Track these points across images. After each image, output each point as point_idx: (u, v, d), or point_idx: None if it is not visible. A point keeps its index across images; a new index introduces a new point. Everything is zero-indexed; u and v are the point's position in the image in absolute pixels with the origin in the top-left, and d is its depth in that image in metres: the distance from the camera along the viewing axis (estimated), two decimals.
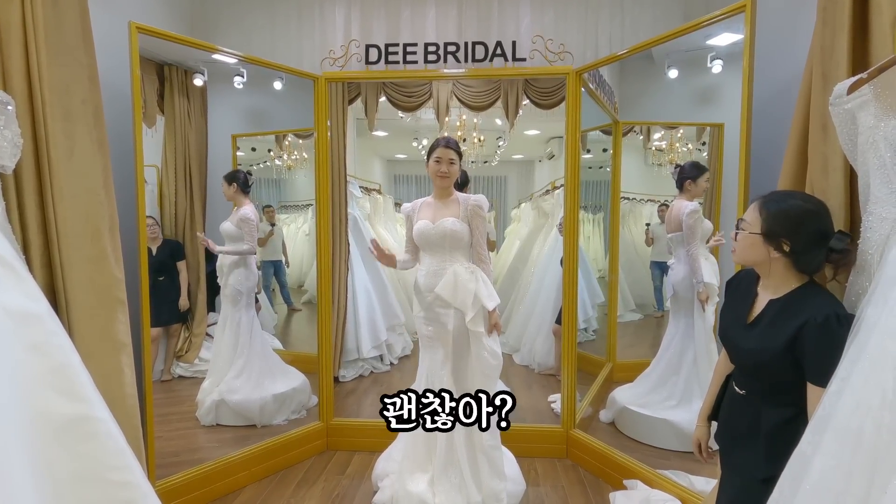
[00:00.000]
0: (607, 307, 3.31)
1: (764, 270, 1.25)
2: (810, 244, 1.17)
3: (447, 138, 2.11)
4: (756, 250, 1.22)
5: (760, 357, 1.20)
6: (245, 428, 2.75)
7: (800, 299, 1.19)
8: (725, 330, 1.35)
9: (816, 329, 1.10)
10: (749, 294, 1.31)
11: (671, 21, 2.81)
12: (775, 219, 1.19)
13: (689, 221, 2.53)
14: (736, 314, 1.32)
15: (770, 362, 1.18)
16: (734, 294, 1.38)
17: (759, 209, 1.22)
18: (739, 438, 1.30)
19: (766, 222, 1.20)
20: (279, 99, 3.06)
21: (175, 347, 2.96)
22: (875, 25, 1.23)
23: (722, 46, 2.42)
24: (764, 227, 1.20)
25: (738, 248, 1.28)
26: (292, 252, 3.66)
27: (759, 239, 1.21)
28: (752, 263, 1.26)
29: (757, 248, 1.22)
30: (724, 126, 2.70)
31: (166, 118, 2.92)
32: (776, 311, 1.21)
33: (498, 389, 2.01)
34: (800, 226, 1.17)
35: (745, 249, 1.25)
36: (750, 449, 1.26)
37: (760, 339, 1.21)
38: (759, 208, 1.22)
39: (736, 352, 1.31)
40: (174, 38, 2.18)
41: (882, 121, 1.12)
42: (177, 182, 2.94)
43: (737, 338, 1.29)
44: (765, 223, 1.20)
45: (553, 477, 2.49)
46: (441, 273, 2.05)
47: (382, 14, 2.86)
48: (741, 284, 1.37)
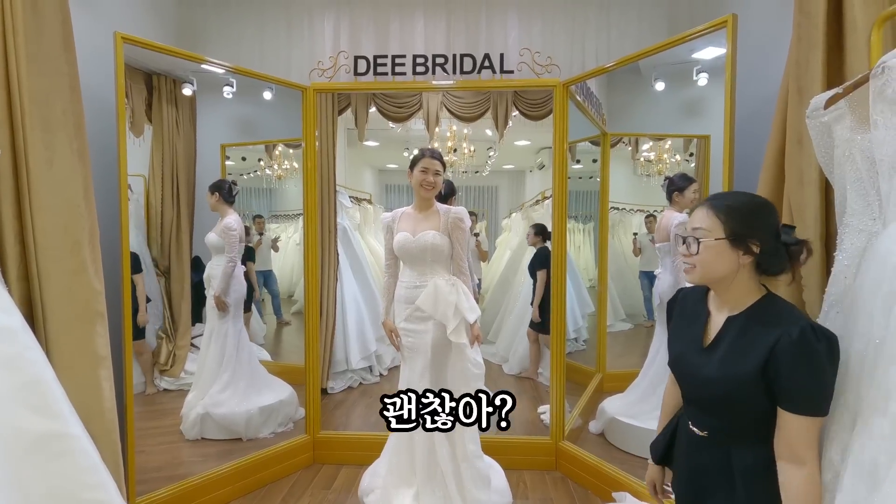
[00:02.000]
0: (597, 317, 3.31)
1: (724, 284, 1.08)
2: (774, 239, 1.04)
3: (432, 149, 2.11)
4: (724, 259, 1.04)
5: (726, 387, 1.03)
6: (230, 441, 2.71)
7: (763, 314, 1.04)
8: (677, 359, 1.17)
9: (792, 346, 0.95)
10: (699, 314, 1.14)
11: (656, 35, 2.85)
12: (736, 217, 1.04)
13: (677, 232, 2.55)
14: (688, 339, 1.14)
15: (738, 392, 1.01)
16: (680, 316, 1.19)
17: (713, 212, 1.06)
18: (709, 490, 1.11)
19: (727, 223, 1.04)
20: (268, 109, 3.06)
21: (157, 360, 2.91)
22: (850, 42, 1.26)
23: (707, 60, 2.45)
24: (727, 229, 1.04)
25: (700, 262, 1.07)
26: (282, 262, 3.64)
27: (726, 244, 1.04)
28: (718, 278, 1.07)
29: (725, 257, 1.04)
30: (710, 138, 2.73)
31: (154, 127, 2.90)
32: (738, 330, 1.05)
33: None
34: (760, 220, 1.05)
35: (711, 262, 1.06)
36: (725, 501, 1.08)
37: (724, 364, 1.04)
38: (713, 211, 1.07)
39: (693, 383, 1.12)
40: (160, 48, 2.17)
41: (858, 134, 1.14)
42: (163, 191, 2.92)
43: (693, 366, 1.11)
44: (726, 225, 1.04)
45: (542, 490, 2.47)
46: (422, 285, 2.05)
47: (371, 26, 2.88)
48: (686, 304, 1.19)
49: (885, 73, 0.96)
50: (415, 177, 2.08)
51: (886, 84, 0.96)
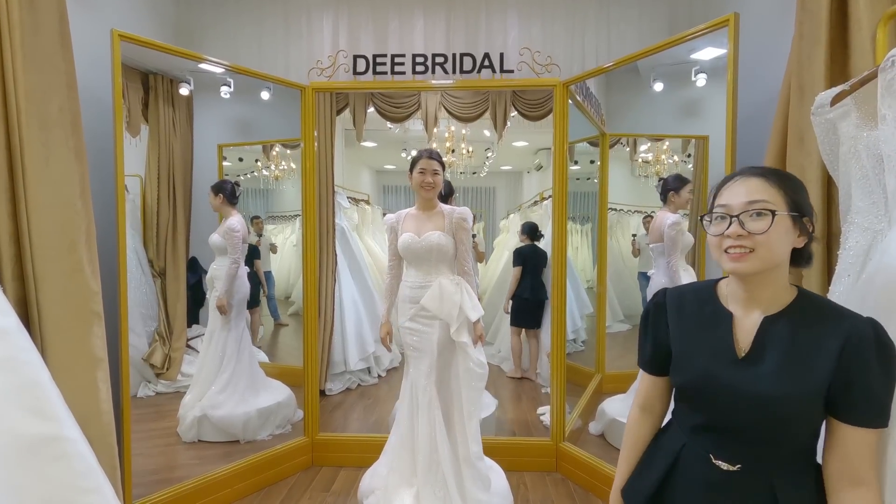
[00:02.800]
0: (596, 318, 3.31)
1: (772, 275, 0.85)
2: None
3: (429, 150, 2.13)
4: (787, 241, 0.84)
5: (789, 407, 0.80)
6: (228, 444, 2.68)
7: (807, 311, 0.84)
8: (703, 376, 0.90)
9: (868, 347, 0.78)
10: (717, 317, 0.91)
11: (656, 35, 2.85)
12: (795, 188, 0.84)
13: (670, 233, 2.56)
14: (711, 349, 0.90)
15: (804, 411, 0.80)
16: (688, 319, 0.95)
17: (767, 181, 0.84)
18: None
19: (787, 195, 0.83)
20: (266, 109, 3.04)
21: (149, 362, 2.88)
22: (855, 40, 1.26)
23: (706, 60, 2.45)
24: (789, 201, 0.83)
25: (765, 244, 0.82)
26: (279, 264, 3.62)
27: (789, 221, 0.83)
28: (776, 265, 0.85)
29: (788, 238, 0.84)
30: (708, 138, 2.73)
31: (150, 127, 2.88)
32: (786, 334, 0.84)
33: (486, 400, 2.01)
34: (807, 195, 0.86)
35: (777, 242, 0.82)
36: None
37: (782, 378, 0.82)
38: (766, 181, 0.84)
39: (730, 404, 0.87)
40: (158, 46, 2.15)
41: (863, 131, 1.13)
42: (160, 192, 2.89)
43: (731, 384, 0.86)
44: (787, 196, 0.83)
45: (542, 491, 2.45)
46: (427, 285, 2.07)
47: (370, 25, 2.87)
48: (685, 306, 0.96)
49: (894, 67, 0.96)
50: (414, 178, 2.10)
51: (895, 78, 0.96)
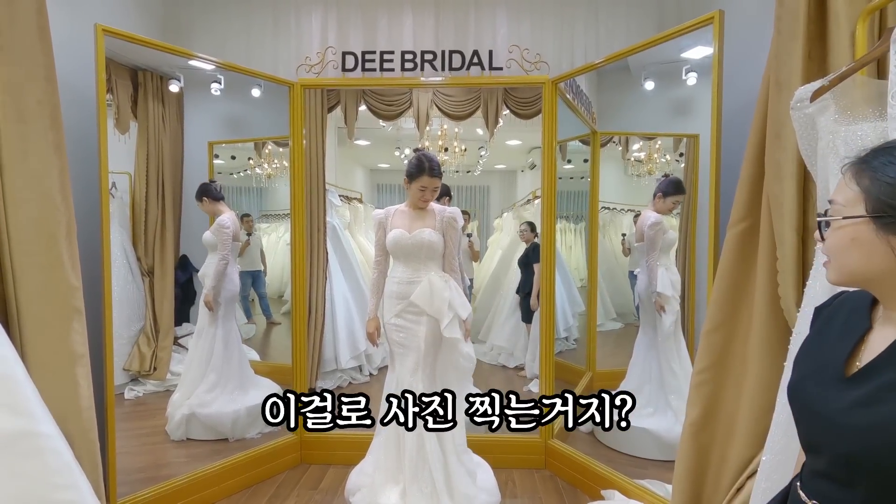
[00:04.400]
0: (587, 316, 3.31)
1: (886, 289, 0.71)
2: None
3: (432, 163, 2.07)
4: (863, 248, 0.69)
5: (868, 442, 0.66)
6: (217, 442, 2.67)
7: None
8: (796, 386, 0.80)
9: None
10: (854, 327, 0.76)
11: (645, 33, 2.85)
12: (890, 182, 0.66)
13: (650, 233, 2.58)
14: (823, 359, 0.77)
15: (887, 454, 0.64)
16: (825, 328, 0.82)
17: (858, 175, 0.70)
18: None
19: (871, 193, 0.68)
20: (257, 106, 3.03)
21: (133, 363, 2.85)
22: (834, 35, 1.26)
23: (695, 59, 2.46)
24: (871, 201, 0.68)
25: (831, 252, 0.74)
26: (272, 262, 3.61)
27: (866, 226, 0.68)
28: (860, 276, 0.72)
29: (864, 245, 0.69)
30: (699, 137, 2.74)
31: (140, 124, 2.87)
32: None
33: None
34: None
35: (842, 249, 0.72)
36: None
37: (871, 406, 0.67)
38: (858, 174, 0.71)
39: (815, 426, 0.75)
40: (143, 41, 2.14)
41: (842, 125, 1.13)
42: (149, 189, 2.88)
43: (819, 400, 0.74)
44: (871, 195, 0.68)
45: (531, 488, 2.45)
46: (415, 281, 2.08)
47: (359, 22, 2.86)
48: (839, 312, 0.82)
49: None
50: (413, 192, 2.11)
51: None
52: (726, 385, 1.60)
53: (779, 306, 1.44)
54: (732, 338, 1.59)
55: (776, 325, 1.45)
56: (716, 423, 1.61)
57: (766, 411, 1.36)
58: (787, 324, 1.42)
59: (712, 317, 1.61)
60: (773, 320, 1.45)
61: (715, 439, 1.61)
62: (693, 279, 2.71)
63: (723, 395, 1.60)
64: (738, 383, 1.56)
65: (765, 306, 1.46)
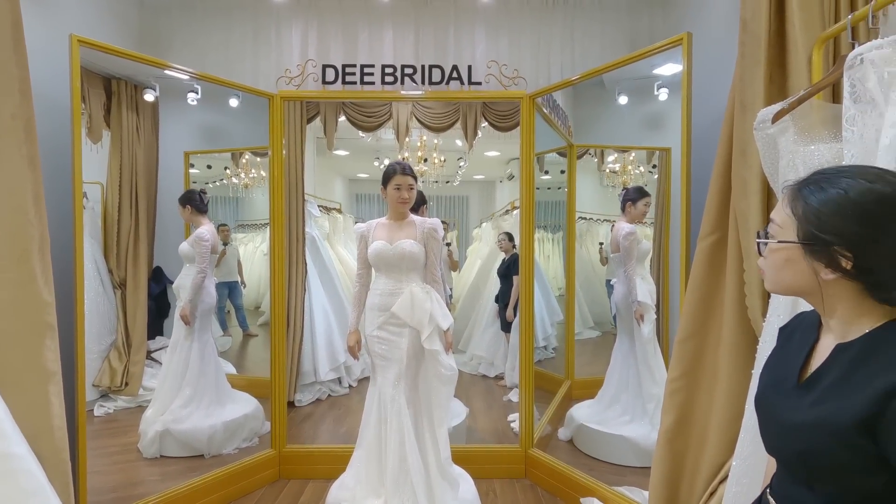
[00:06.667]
0: (565, 325, 3.36)
1: (816, 301, 0.77)
2: (893, 254, 0.67)
3: (402, 164, 2.16)
4: (794, 270, 0.74)
5: (812, 439, 0.70)
6: (192, 459, 2.61)
7: (891, 344, 0.70)
8: (760, 396, 0.86)
9: None
10: (808, 340, 0.82)
11: (618, 50, 2.96)
12: (820, 214, 0.70)
13: (624, 243, 2.65)
14: (782, 371, 0.83)
15: (828, 450, 0.69)
16: (787, 345, 0.88)
17: (792, 201, 0.75)
18: None
19: (804, 221, 0.72)
20: (235, 116, 3.01)
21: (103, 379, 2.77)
22: (792, 61, 1.34)
23: (667, 76, 2.55)
24: (802, 229, 0.72)
25: (766, 267, 0.80)
26: (249, 272, 3.56)
27: (797, 250, 0.73)
28: (793, 290, 0.78)
29: (795, 265, 0.74)
30: (670, 150, 2.84)
31: (113, 133, 2.81)
32: (848, 364, 0.72)
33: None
34: (869, 223, 0.67)
35: (777, 269, 0.77)
36: None
37: (816, 407, 0.72)
38: (792, 199, 0.75)
39: (772, 428, 0.80)
40: (119, 52, 2.12)
41: (800, 146, 1.21)
42: (121, 200, 2.82)
43: (777, 408, 0.79)
44: (803, 223, 0.72)
45: (511, 498, 2.47)
46: (397, 293, 2.09)
47: (339, 35, 2.88)
48: (797, 330, 0.87)
49: (863, 65, 0.99)
50: (389, 194, 2.15)
51: (861, 79, 1.00)
52: (699, 392, 1.65)
53: (747, 316, 1.50)
54: (704, 346, 1.65)
55: (744, 334, 1.52)
56: (689, 430, 1.66)
57: (736, 417, 1.41)
58: (754, 333, 1.48)
59: (685, 326, 1.67)
60: (742, 330, 1.52)
61: (689, 446, 1.66)
62: (667, 289, 2.80)
63: (696, 403, 1.65)
64: (710, 391, 1.62)
65: (733, 316, 1.52)
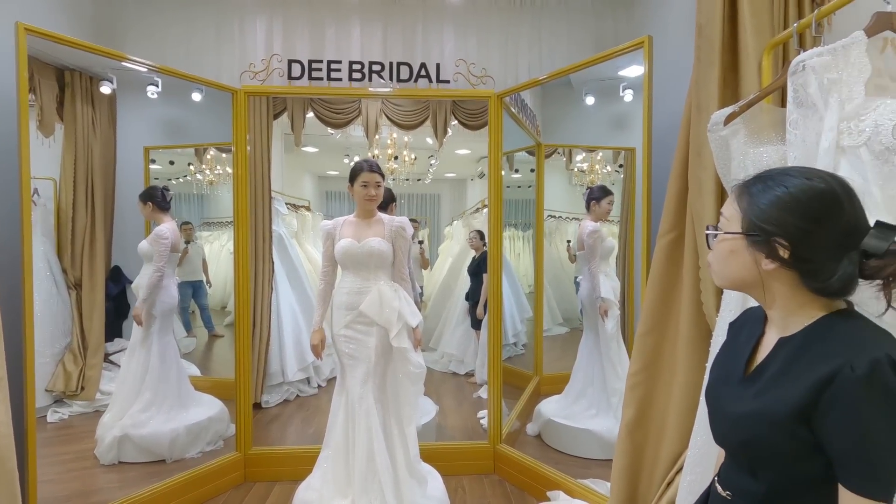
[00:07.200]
0: (534, 321, 3.41)
1: (759, 294, 0.80)
2: (826, 246, 0.71)
3: (370, 162, 2.14)
4: (739, 261, 0.78)
5: (753, 429, 0.74)
6: (153, 464, 2.52)
7: (826, 336, 0.72)
8: (709, 389, 0.90)
9: (852, 386, 0.65)
10: (754, 334, 0.85)
11: (584, 52, 3.01)
12: (763, 208, 0.75)
13: (589, 241, 2.71)
14: (729, 365, 0.87)
15: (768, 439, 0.72)
16: (736, 339, 0.91)
17: (739, 197, 0.79)
18: None
19: (748, 214, 0.76)
20: (198, 111, 2.93)
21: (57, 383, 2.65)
22: (744, 66, 1.39)
23: (632, 77, 2.61)
24: (746, 221, 0.76)
25: (713, 260, 0.83)
26: (215, 271, 3.47)
27: (741, 241, 0.77)
28: (737, 282, 0.81)
29: (739, 258, 0.78)
30: (635, 150, 2.90)
31: (66, 127, 2.69)
32: (790, 356, 0.75)
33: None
34: (805, 216, 0.71)
35: (723, 260, 0.81)
36: None
37: (757, 398, 0.76)
38: (739, 195, 0.79)
39: (719, 419, 0.84)
40: (70, 42, 2.02)
41: (750, 147, 1.26)
42: (76, 196, 2.71)
43: (723, 399, 0.83)
44: (747, 215, 0.76)
45: (479, 494, 2.49)
46: (364, 291, 2.08)
47: (306, 31, 2.83)
48: (746, 325, 0.90)
49: (805, 72, 1.04)
50: (356, 191, 2.13)
51: (803, 84, 1.04)
52: (658, 386, 1.70)
53: (702, 312, 1.56)
54: (663, 341, 1.70)
55: (700, 329, 1.57)
56: (649, 423, 1.71)
57: (692, 410, 1.46)
58: (709, 328, 1.53)
59: (644, 322, 1.72)
60: (698, 325, 1.57)
61: (648, 438, 1.71)
62: (631, 285, 2.87)
63: (655, 396, 1.70)
64: (669, 384, 1.67)
65: (690, 312, 1.58)
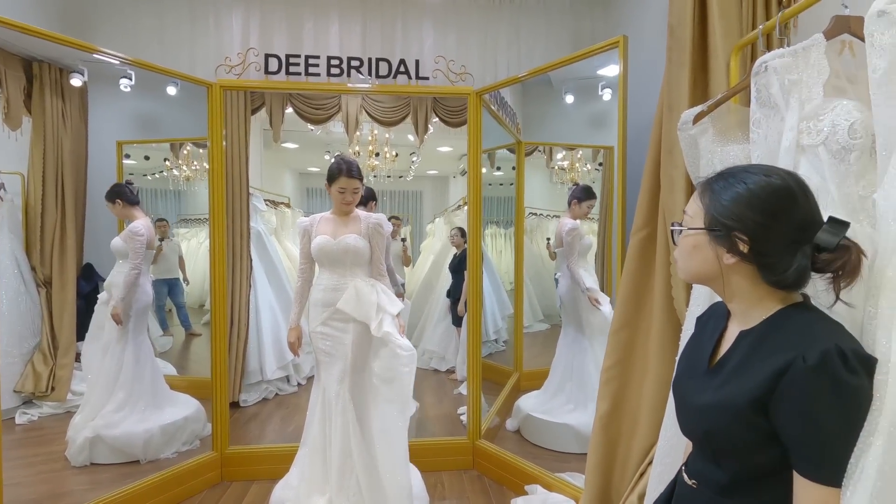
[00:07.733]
0: (514, 317, 3.43)
1: (720, 288, 0.84)
2: (782, 240, 0.75)
3: (349, 165, 2.07)
4: (701, 255, 0.82)
5: (715, 419, 0.78)
6: (126, 465, 2.48)
7: (782, 329, 0.76)
8: (675, 382, 0.94)
9: (805, 375, 0.68)
10: (718, 328, 0.90)
11: (563, 50, 3.04)
12: (724, 204, 0.78)
13: (567, 238, 2.75)
14: (694, 358, 0.91)
15: (729, 428, 0.76)
16: (702, 333, 0.95)
17: (702, 193, 0.83)
18: None
19: (710, 210, 0.80)
20: (173, 105, 2.87)
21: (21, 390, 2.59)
22: (713, 66, 1.42)
23: (610, 76, 2.65)
24: (708, 216, 0.80)
25: (678, 255, 0.87)
26: (193, 269, 3.42)
27: (703, 237, 0.81)
28: (700, 276, 0.85)
29: (702, 252, 0.81)
30: (613, 149, 2.94)
31: (34, 120, 2.63)
32: (748, 348, 0.79)
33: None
34: (763, 211, 0.75)
35: (686, 255, 0.84)
36: None
37: (719, 390, 0.79)
38: (702, 192, 0.83)
39: (685, 410, 0.88)
40: (37, 32, 1.96)
41: (718, 146, 1.28)
42: (45, 191, 2.64)
43: (687, 391, 0.87)
44: (710, 211, 0.80)
45: (459, 489, 2.50)
46: (341, 288, 2.06)
47: (283, 25, 2.80)
48: (711, 319, 0.94)
49: (767, 72, 1.07)
50: (333, 195, 2.11)
51: (766, 85, 1.07)
52: (631, 380, 1.73)
53: (673, 307, 1.59)
54: (636, 336, 1.73)
55: (672, 324, 1.60)
56: (622, 417, 1.74)
57: (664, 403, 1.49)
58: (680, 322, 1.56)
59: (618, 317, 1.74)
60: (669, 319, 1.60)
61: (622, 432, 1.74)
62: (610, 282, 2.91)
63: (628, 390, 1.73)
64: (641, 378, 1.70)
65: (661, 307, 1.61)
